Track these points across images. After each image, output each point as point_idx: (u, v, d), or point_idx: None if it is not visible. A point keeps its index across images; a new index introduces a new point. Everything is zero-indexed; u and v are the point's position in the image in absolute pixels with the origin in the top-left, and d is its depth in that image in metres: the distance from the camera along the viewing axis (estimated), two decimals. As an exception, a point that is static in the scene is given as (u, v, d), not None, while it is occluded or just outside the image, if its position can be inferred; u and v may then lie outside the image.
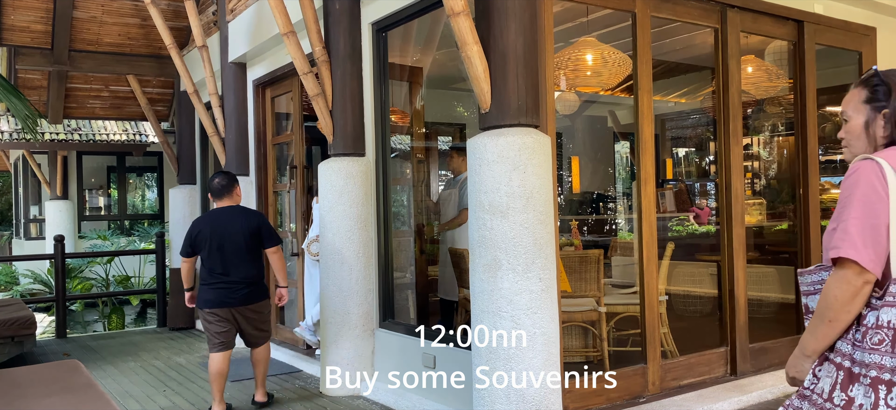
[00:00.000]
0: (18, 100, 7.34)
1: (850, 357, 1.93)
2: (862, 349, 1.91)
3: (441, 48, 6.59)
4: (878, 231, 1.89)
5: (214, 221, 5.09)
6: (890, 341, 1.87)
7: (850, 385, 1.90)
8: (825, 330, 1.97)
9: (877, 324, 1.90)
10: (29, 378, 4.32)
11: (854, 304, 1.91)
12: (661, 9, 4.98)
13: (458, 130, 10.21)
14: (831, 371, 1.96)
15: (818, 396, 1.97)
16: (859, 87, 2.15)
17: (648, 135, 4.92)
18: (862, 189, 1.93)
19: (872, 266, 1.88)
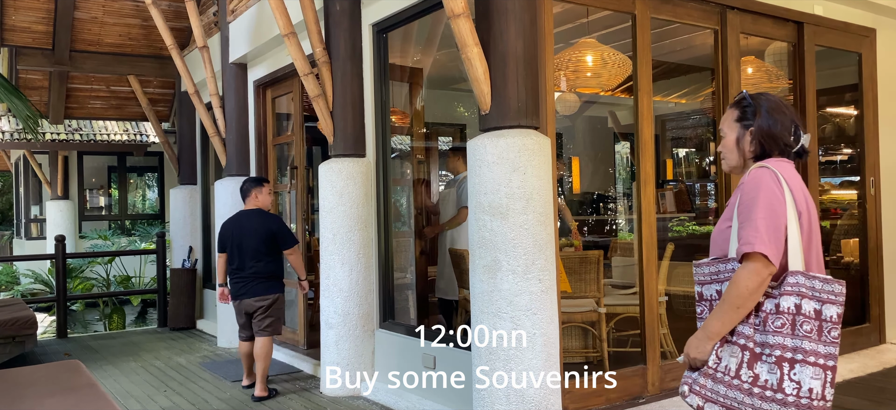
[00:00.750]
0: (19, 101, 7.35)
1: (752, 339, 2.18)
2: (763, 332, 2.17)
3: (441, 49, 6.60)
4: (780, 230, 2.16)
5: (236, 222, 5.75)
6: (790, 324, 2.15)
7: (755, 362, 2.17)
8: (732, 316, 2.20)
9: (777, 310, 2.17)
10: (30, 378, 4.33)
11: (759, 293, 2.17)
12: (661, 10, 4.99)
13: (458, 131, 10.22)
14: (736, 352, 2.20)
15: (723, 373, 2.21)
16: (732, 108, 2.42)
17: (648, 136, 4.93)
18: (765, 193, 2.19)
19: (776, 259, 2.15)
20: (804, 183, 2.32)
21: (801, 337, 2.14)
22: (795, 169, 2.31)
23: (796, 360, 2.12)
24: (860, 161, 6.31)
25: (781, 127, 2.29)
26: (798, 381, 2.11)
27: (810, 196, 2.30)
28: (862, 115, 6.29)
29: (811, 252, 2.24)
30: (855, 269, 6.52)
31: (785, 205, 2.18)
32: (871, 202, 6.27)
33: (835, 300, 2.17)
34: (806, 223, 2.22)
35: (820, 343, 2.14)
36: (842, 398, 4.97)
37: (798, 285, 2.16)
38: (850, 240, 6.72)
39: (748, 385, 2.16)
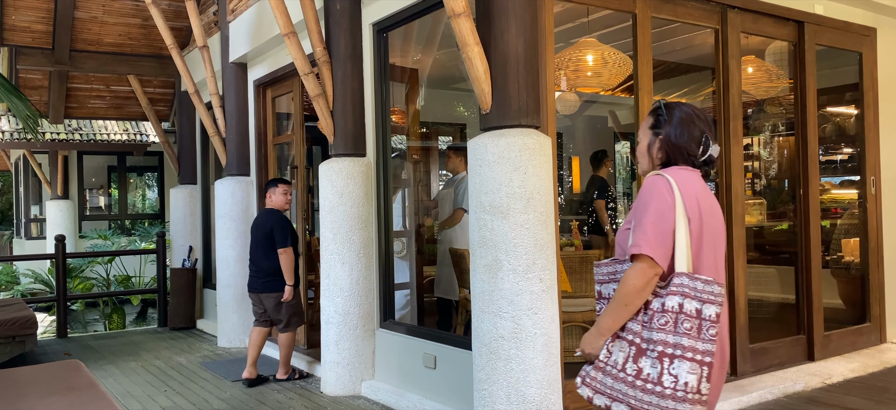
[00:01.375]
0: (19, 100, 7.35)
1: (639, 335, 2.33)
2: (650, 329, 2.31)
3: (442, 48, 6.60)
4: (667, 234, 2.31)
5: (255, 220, 6.20)
6: (672, 322, 2.29)
7: (640, 357, 2.31)
8: (621, 313, 2.35)
9: (662, 309, 2.31)
10: (30, 377, 4.33)
11: (646, 292, 2.32)
12: (662, 9, 4.99)
13: (458, 130, 10.22)
14: (624, 347, 2.35)
15: (613, 367, 2.36)
16: (648, 116, 2.56)
17: (649, 136, 4.92)
18: (656, 200, 2.34)
19: (662, 261, 2.30)
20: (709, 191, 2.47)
21: (681, 334, 2.27)
22: (702, 177, 2.47)
23: (675, 355, 2.26)
24: (860, 160, 6.31)
25: (688, 138, 2.42)
26: (675, 375, 2.24)
27: (712, 203, 2.44)
28: (862, 115, 6.29)
29: (702, 255, 2.36)
30: (855, 269, 6.52)
31: (674, 211, 2.32)
32: (871, 201, 6.27)
33: (714, 300, 2.29)
34: (696, 228, 2.35)
35: (699, 341, 2.27)
36: (842, 397, 4.97)
37: (682, 286, 2.30)
38: (851, 240, 6.71)
39: (632, 378, 2.31)
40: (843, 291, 6.76)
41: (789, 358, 5.61)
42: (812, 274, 5.75)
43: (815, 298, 5.74)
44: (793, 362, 5.60)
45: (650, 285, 2.32)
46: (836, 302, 6.63)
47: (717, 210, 2.48)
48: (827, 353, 5.79)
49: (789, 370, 5.45)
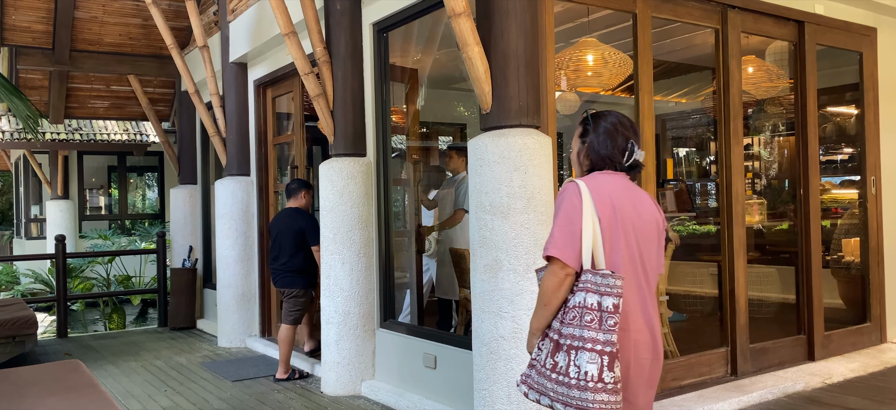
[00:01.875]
0: (19, 100, 7.34)
1: (558, 331, 2.49)
2: (563, 324, 2.47)
3: (442, 48, 6.59)
4: (575, 236, 2.46)
5: (279, 217, 6.32)
6: (578, 316, 2.43)
7: (556, 352, 2.47)
8: (543, 313, 2.52)
9: (572, 305, 2.47)
10: (30, 377, 4.33)
11: (560, 291, 2.47)
12: (662, 9, 4.99)
13: (458, 130, 10.21)
14: (548, 344, 2.52)
15: (541, 364, 2.52)
16: (578, 125, 2.74)
17: (649, 135, 4.92)
18: (565, 205, 2.51)
19: (572, 262, 2.45)
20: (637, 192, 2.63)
21: (584, 326, 2.41)
22: (630, 180, 2.64)
23: (578, 347, 2.41)
24: (861, 160, 6.30)
25: (612, 146, 2.61)
26: (578, 366, 2.39)
27: (637, 203, 2.58)
28: (863, 115, 6.29)
29: (616, 251, 2.51)
30: (856, 268, 6.52)
31: (581, 215, 2.48)
32: (871, 201, 6.27)
33: (611, 292, 2.42)
34: (608, 227, 2.50)
35: (600, 332, 2.40)
36: (843, 397, 4.97)
37: (586, 281, 2.45)
38: (851, 240, 6.71)
39: (549, 371, 2.48)
40: (844, 291, 6.76)
41: (789, 358, 5.61)
42: (812, 274, 5.75)
43: (815, 298, 5.74)
44: (793, 362, 5.60)
45: (564, 284, 2.47)
46: (836, 302, 6.63)
47: (645, 209, 2.61)
48: (827, 353, 5.79)
49: (789, 370, 5.45)
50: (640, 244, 2.57)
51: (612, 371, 2.37)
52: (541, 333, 2.55)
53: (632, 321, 2.51)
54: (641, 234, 2.58)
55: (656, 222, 2.64)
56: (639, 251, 2.57)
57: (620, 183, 2.60)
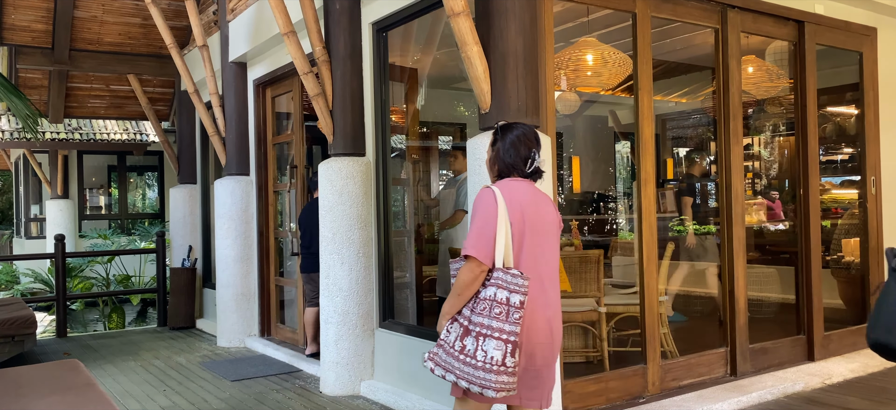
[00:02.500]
0: (19, 100, 7.34)
1: (469, 319, 2.83)
2: (474, 313, 2.82)
3: (441, 48, 6.59)
4: (490, 237, 2.80)
5: (307, 208, 6.65)
6: (488, 308, 2.78)
7: (465, 336, 2.82)
8: (455, 301, 2.86)
9: (483, 297, 2.81)
10: (29, 377, 4.33)
11: (474, 285, 2.83)
12: (662, 9, 4.98)
13: (458, 130, 10.21)
14: (456, 328, 2.86)
15: (448, 345, 2.86)
16: (491, 135, 3.07)
17: (649, 135, 4.92)
18: (481, 208, 2.84)
19: (485, 260, 2.80)
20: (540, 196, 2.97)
21: (493, 317, 2.77)
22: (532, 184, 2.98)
23: (487, 335, 2.76)
24: (861, 160, 6.30)
25: (515, 155, 2.95)
26: (485, 350, 2.74)
27: (540, 207, 2.93)
28: (863, 115, 6.29)
29: (523, 252, 2.85)
30: (855, 269, 6.52)
31: (496, 217, 2.81)
32: (871, 201, 6.26)
33: (519, 290, 2.77)
34: (518, 230, 2.83)
35: (506, 323, 2.76)
36: (842, 397, 4.97)
37: (497, 278, 2.80)
38: (851, 240, 6.71)
39: (457, 353, 2.81)
40: (844, 291, 6.75)
41: (789, 358, 5.60)
42: (812, 274, 5.74)
43: (815, 298, 5.73)
44: (793, 362, 5.60)
45: (477, 279, 2.82)
46: (836, 302, 6.63)
47: (546, 212, 2.96)
48: (827, 353, 5.78)
49: (789, 370, 5.45)
50: (542, 243, 2.92)
51: (513, 358, 2.75)
52: (451, 318, 2.90)
53: (533, 312, 2.85)
54: (543, 234, 2.94)
55: (554, 223, 3.01)
56: (541, 249, 2.91)
57: (527, 188, 2.95)
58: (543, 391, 2.96)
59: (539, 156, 2.98)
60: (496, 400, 2.78)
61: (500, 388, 2.72)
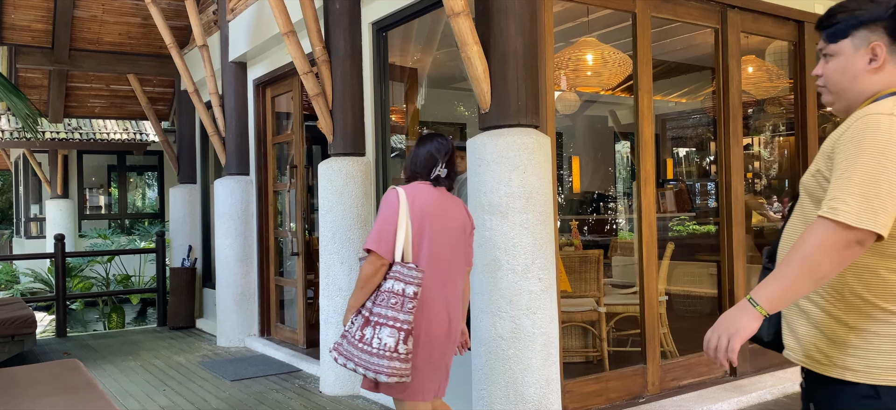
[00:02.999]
0: (19, 99, 7.33)
1: (369, 310, 3.05)
2: (375, 304, 3.04)
3: (441, 48, 6.59)
4: (390, 233, 3.05)
5: None
6: (386, 299, 3.00)
7: (366, 326, 3.03)
8: (360, 294, 3.07)
9: (384, 290, 3.03)
10: (29, 377, 4.32)
11: (375, 278, 3.05)
12: (662, 9, 4.98)
13: (458, 130, 10.21)
14: (359, 320, 3.07)
15: (351, 335, 3.07)
16: None
17: (649, 135, 4.92)
18: (384, 208, 3.11)
19: (386, 255, 3.04)
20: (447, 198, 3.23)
21: (389, 307, 2.99)
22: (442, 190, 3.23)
23: (383, 323, 2.98)
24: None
25: (421, 165, 3.24)
26: (380, 338, 2.96)
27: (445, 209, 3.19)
28: (862, 115, 6.28)
29: (422, 248, 3.08)
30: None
31: (396, 216, 3.07)
32: (871, 201, 6.25)
33: (413, 281, 3.01)
34: (417, 228, 3.08)
35: (401, 312, 2.98)
36: (842, 398, 4.96)
37: (395, 272, 3.03)
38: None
39: (356, 341, 3.03)
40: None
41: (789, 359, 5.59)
42: (812, 274, 5.73)
43: (814, 298, 5.72)
44: (792, 362, 5.58)
45: (378, 272, 3.05)
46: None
47: (454, 215, 3.22)
48: (827, 353, 5.77)
49: (789, 370, 5.44)
50: (447, 244, 3.16)
51: (406, 345, 2.97)
52: (356, 311, 3.10)
53: (432, 306, 3.08)
54: (448, 236, 3.18)
55: (461, 225, 3.25)
56: (445, 249, 3.15)
57: (433, 193, 3.19)
58: (441, 382, 3.22)
59: (443, 168, 3.23)
60: (389, 385, 3.03)
61: (392, 373, 2.93)
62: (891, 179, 1.70)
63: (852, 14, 1.91)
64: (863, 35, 1.90)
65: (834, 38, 1.94)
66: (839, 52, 1.93)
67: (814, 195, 1.89)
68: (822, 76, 1.99)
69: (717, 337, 1.84)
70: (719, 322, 1.86)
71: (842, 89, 1.95)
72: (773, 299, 1.79)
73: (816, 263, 1.73)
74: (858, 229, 1.69)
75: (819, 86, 2.02)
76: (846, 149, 1.77)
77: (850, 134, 1.78)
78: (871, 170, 1.71)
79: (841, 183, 1.74)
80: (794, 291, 1.78)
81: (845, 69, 1.93)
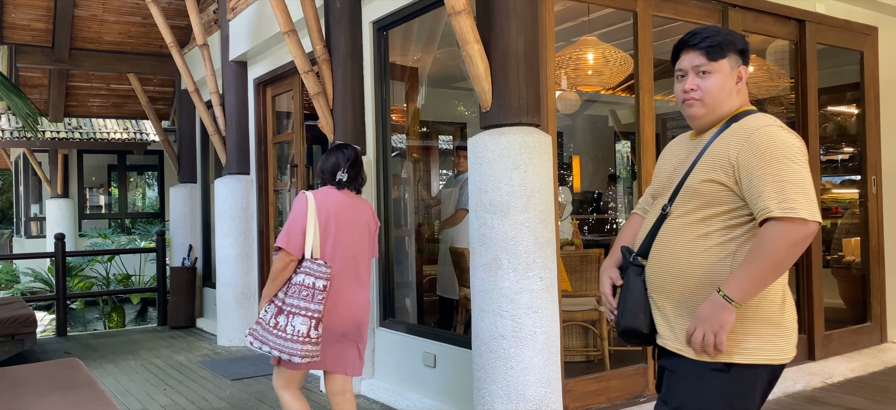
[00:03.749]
0: (19, 99, 7.33)
1: (282, 300, 3.46)
2: (287, 295, 3.45)
3: (442, 47, 6.59)
4: (298, 233, 3.47)
5: None
6: (298, 290, 3.42)
7: (279, 315, 3.44)
8: (272, 286, 3.49)
9: (295, 283, 3.45)
10: (29, 376, 4.32)
11: (286, 272, 3.47)
12: (663, 8, 4.97)
13: (458, 129, 10.20)
14: (273, 309, 3.48)
15: (265, 322, 3.48)
16: None
17: (650, 135, 4.91)
18: (294, 210, 3.54)
19: (295, 252, 3.46)
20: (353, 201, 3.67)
21: (302, 298, 3.42)
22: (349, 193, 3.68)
23: (296, 313, 3.41)
24: (862, 160, 6.29)
25: (327, 173, 3.69)
26: (294, 325, 3.39)
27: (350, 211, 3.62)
28: (863, 114, 6.28)
29: (327, 246, 3.51)
30: (856, 268, 6.51)
31: (305, 216, 3.49)
32: (872, 201, 6.26)
33: (322, 276, 3.44)
34: (323, 228, 3.52)
35: (311, 303, 3.41)
36: (843, 397, 4.96)
37: (306, 267, 3.45)
38: (852, 239, 6.70)
39: (272, 328, 3.44)
40: (844, 291, 6.75)
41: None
42: (813, 274, 5.74)
43: (815, 298, 5.73)
44: (793, 361, 5.58)
45: (288, 267, 3.46)
46: (836, 302, 6.62)
47: (359, 216, 3.66)
48: (827, 353, 5.78)
49: (790, 369, 5.44)
50: (351, 241, 3.60)
51: (317, 331, 3.41)
52: (269, 300, 3.50)
53: (340, 297, 3.53)
54: (353, 234, 3.61)
55: (367, 225, 3.69)
56: (349, 246, 3.59)
57: (338, 196, 3.64)
58: (347, 360, 3.65)
59: (345, 173, 3.67)
60: (302, 366, 3.48)
61: (305, 355, 3.39)
62: (809, 179, 2.00)
63: (726, 38, 2.18)
64: (734, 58, 2.18)
65: (715, 57, 2.16)
66: (719, 70, 2.17)
67: (710, 200, 2.11)
68: (698, 90, 2.19)
69: (703, 333, 2.05)
70: (703, 319, 2.05)
71: (717, 104, 2.18)
72: (743, 293, 2.00)
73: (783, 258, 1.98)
74: (814, 222, 1.95)
75: (692, 98, 2.20)
76: (761, 158, 2.01)
77: (755, 146, 2.03)
78: (797, 173, 1.97)
79: (781, 186, 1.96)
80: (761, 285, 2.01)
81: (723, 86, 2.17)
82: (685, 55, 2.22)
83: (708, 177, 2.11)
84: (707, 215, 2.12)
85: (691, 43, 2.21)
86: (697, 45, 2.19)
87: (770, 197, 1.97)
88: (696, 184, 2.14)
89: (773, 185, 1.97)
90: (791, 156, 2.00)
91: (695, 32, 2.22)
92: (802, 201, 1.95)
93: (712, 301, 2.03)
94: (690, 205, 2.16)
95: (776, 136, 2.03)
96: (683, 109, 2.25)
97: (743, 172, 2.03)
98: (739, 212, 2.10)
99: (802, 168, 2.00)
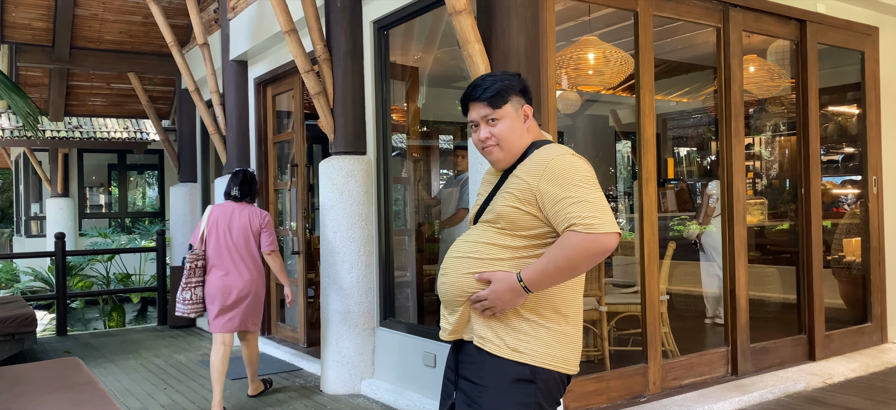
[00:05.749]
0: (20, 98, 7.32)
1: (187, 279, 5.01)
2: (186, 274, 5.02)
3: (443, 46, 6.58)
4: (198, 232, 5.05)
5: None
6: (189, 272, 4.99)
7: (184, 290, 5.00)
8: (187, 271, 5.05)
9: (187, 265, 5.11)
10: (29, 375, 4.32)
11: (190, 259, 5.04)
12: (664, 8, 4.97)
13: (459, 129, 10.19)
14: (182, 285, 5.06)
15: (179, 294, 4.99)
16: None
17: (650, 135, 4.91)
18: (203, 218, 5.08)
19: (194, 242, 5.01)
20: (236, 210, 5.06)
21: (188, 274, 4.96)
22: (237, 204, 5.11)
23: (186, 286, 4.96)
24: (862, 160, 6.29)
25: (226, 189, 5.17)
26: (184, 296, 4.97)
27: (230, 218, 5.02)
28: (864, 114, 6.28)
29: (209, 242, 5.02)
30: (856, 268, 6.51)
31: (204, 221, 5.04)
32: (873, 201, 6.25)
33: (198, 260, 4.99)
34: (211, 230, 5.01)
35: (192, 278, 4.97)
36: (844, 397, 4.96)
37: (190, 255, 4.99)
38: (852, 240, 6.70)
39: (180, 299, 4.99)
40: (845, 291, 6.74)
41: (790, 358, 5.59)
42: (813, 274, 5.73)
43: (816, 298, 5.73)
44: (794, 362, 5.59)
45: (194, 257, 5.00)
46: (837, 302, 6.62)
47: (238, 221, 5.01)
48: (828, 353, 5.77)
49: (790, 369, 5.44)
50: (229, 239, 4.97)
51: (195, 294, 4.96)
52: None
53: (215, 275, 4.97)
54: (231, 234, 4.98)
55: (245, 228, 5.00)
56: (228, 243, 4.96)
57: (226, 207, 5.07)
58: (235, 321, 5.01)
59: (236, 190, 5.12)
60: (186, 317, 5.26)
61: (187, 312, 4.96)
62: (602, 197, 2.19)
63: (504, 84, 2.32)
64: (516, 100, 2.33)
65: (498, 105, 2.30)
66: (505, 114, 2.31)
67: (515, 222, 2.25)
68: (493, 137, 2.32)
69: (492, 304, 2.24)
70: (499, 294, 2.23)
71: (512, 145, 2.33)
72: (535, 281, 2.19)
73: (578, 264, 2.17)
74: (613, 234, 2.13)
75: (489, 146, 2.34)
76: (560, 183, 2.17)
77: (553, 174, 2.19)
78: (592, 194, 2.16)
79: (581, 205, 2.13)
80: (553, 281, 2.21)
81: (513, 128, 2.32)
82: (472, 108, 2.35)
83: (508, 203, 2.26)
84: (511, 232, 2.28)
85: (474, 96, 2.34)
86: (480, 98, 2.32)
87: (573, 214, 2.13)
88: (501, 207, 2.28)
89: (575, 205, 2.14)
90: (583, 178, 2.18)
91: (475, 85, 2.34)
92: (602, 218, 2.13)
93: (513, 284, 2.20)
94: (495, 224, 2.30)
95: (570, 164, 2.21)
96: (485, 156, 2.38)
97: (549, 197, 2.18)
98: (544, 237, 2.25)
99: (596, 189, 2.19)
